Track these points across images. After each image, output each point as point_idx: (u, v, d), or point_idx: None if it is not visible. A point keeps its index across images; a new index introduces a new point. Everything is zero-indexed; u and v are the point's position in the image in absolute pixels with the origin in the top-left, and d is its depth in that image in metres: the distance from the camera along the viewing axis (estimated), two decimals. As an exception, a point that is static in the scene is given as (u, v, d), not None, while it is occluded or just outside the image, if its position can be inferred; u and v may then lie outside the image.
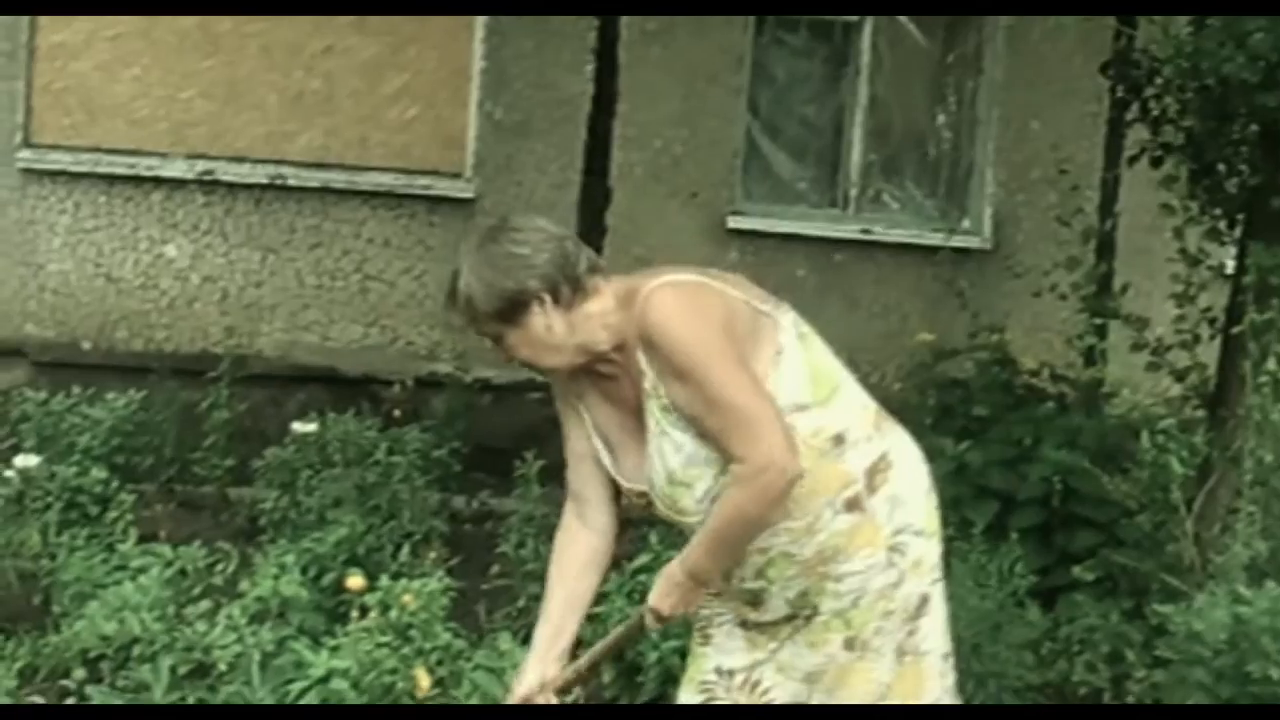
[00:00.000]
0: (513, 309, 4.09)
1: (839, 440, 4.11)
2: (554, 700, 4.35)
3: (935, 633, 4.31)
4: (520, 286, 4.08)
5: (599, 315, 4.14)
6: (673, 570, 4.14)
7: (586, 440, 4.33)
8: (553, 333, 4.11)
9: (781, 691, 4.29)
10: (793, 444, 3.96)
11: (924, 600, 4.26)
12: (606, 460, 4.32)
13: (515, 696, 4.38)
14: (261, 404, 9.75)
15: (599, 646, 4.44)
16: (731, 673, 4.34)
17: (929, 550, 4.27)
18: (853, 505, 4.14)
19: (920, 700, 4.30)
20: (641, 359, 4.10)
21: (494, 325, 4.13)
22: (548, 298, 4.09)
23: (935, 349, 8.84)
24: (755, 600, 4.26)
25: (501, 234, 4.17)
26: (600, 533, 4.37)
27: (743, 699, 4.33)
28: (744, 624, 4.34)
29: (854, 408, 4.19)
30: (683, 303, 4.05)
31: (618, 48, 10.27)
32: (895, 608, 4.21)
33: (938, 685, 4.34)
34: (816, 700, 4.25)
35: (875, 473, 4.17)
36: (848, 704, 4.22)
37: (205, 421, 8.98)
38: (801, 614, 4.23)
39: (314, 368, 10.14)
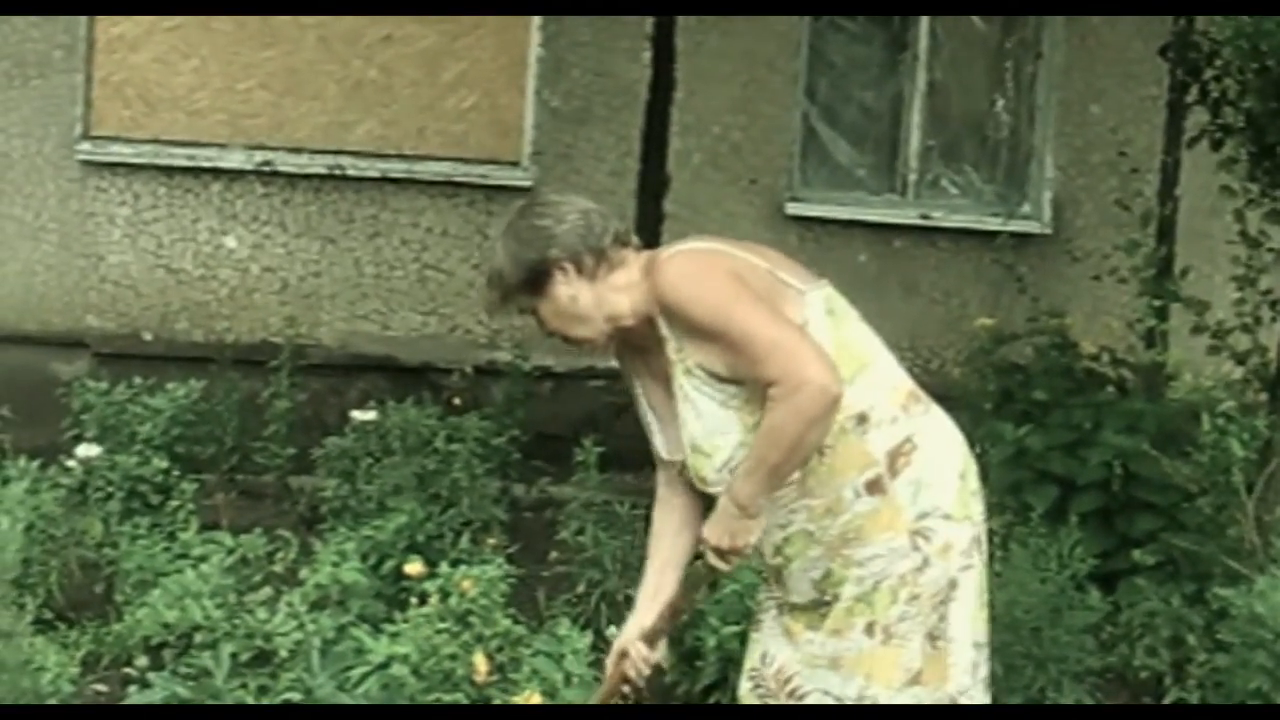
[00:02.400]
0: (537, 280, 4.21)
1: (862, 419, 4.11)
2: (645, 650, 4.42)
3: (963, 619, 4.26)
4: (542, 256, 4.19)
5: (625, 287, 4.22)
6: (721, 502, 4.15)
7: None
8: (578, 303, 4.22)
9: (808, 683, 4.30)
10: (831, 365, 3.94)
11: (952, 585, 4.22)
12: (656, 436, 4.38)
13: (613, 652, 4.49)
14: (322, 393, 9.79)
15: (676, 593, 4.44)
16: (773, 659, 4.38)
17: (959, 535, 4.22)
18: (874, 488, 4.14)
19: (945, 688, 4.25)
20: (662, 325, 4.14)
21: (523, 297, 4.26)
22: (570, 268, 4.20)
23: (995, 334, 8.81)
24: (779, 579, 4.31)
25: (529, 209, 4.31)
26: (691, 493, 4.39)
27: (775, 688, 4.36)
28: (781, 608, 4.37)
29: (881, 388, 4.18)
30: (693, 263, 4.13)
31: (675, 35, 10.25)
32: (921, 593, 4.18)
33: (966, 676, 4.29)
34: (836, 684, 4.23)
35: (898, 455, 4.15)
36: (857, 704, 4.21)
37: (266, 411, 9.04)
38: (826, 598, 4.23)
39: (373, 357, 10.17)
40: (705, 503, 4.35)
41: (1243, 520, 6.87)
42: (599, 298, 4.22)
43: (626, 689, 4.59)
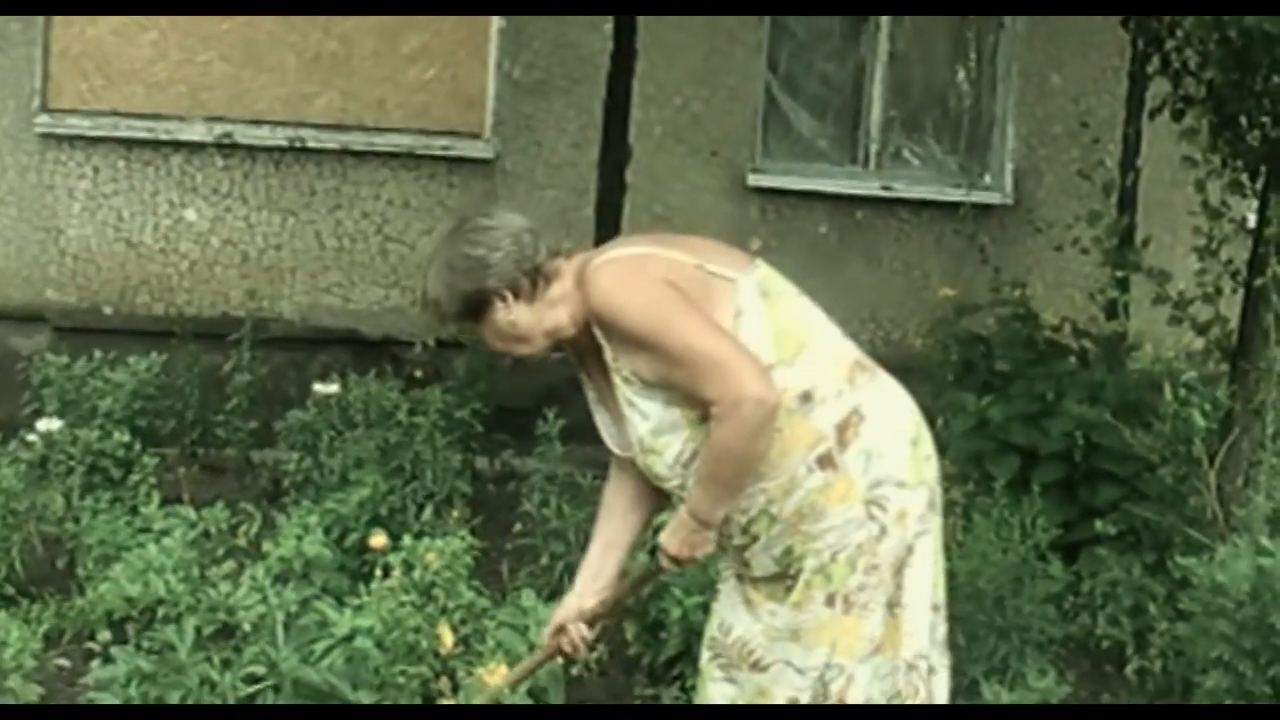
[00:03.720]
0: (475, 308, 4.30)
1: (806, 398, 4.18)
2: (585, 630, 4.57)
3: (919, 584, 4.34)
4: (478, 287, 4.27)
5: (561, 299, 4.29)
6: (680, 512, 4.26)
7: None
8: (516, 326, 4.29)
9: (769, 654, 4.35)
10: (765, 374, 4.05)
11: (909, 551, 4.29)
12: (607, 430, 4.46)
13: (551, 624, 4.65)
14: (283, 366, 9.76)
15: (623, 585, 4.59)
16: (730, 629, 4.45)
17: (914, 501, 4.29)
18: (825, 462, 4.20)
19: (900, 653, 4.33)
20: (598, 334, 4.21)
21: (462, 323, 4.39)
22: (508, 294, 4.26)
23: (957, 304, 8.83)
24: (745, 557, 4.36)
25: (459, 236, 4.35)
26: (643, 479, 4.45)
27: (735, 658, 4.42)
28: (741, 578, 4.43)
29: (824, 364, 4.24)
30: (622, 274, 4.19)
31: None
32: (880, 562, 4.25)
33: (922, 639, 4.37)
34: (798, 655, 4.29)
35: (846, 428, 4.22)
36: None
37: (227, 385, 9.01)
38: (790, 572, 4.28)
39: (335, 330, 10.15)
40: (654, 488, 4.44)
41: (1204, 490, 6.90)
42: (538, 316, 4.28)
43: (561, 660, 4.79)
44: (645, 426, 4.22)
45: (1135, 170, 10.07)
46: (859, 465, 4.21)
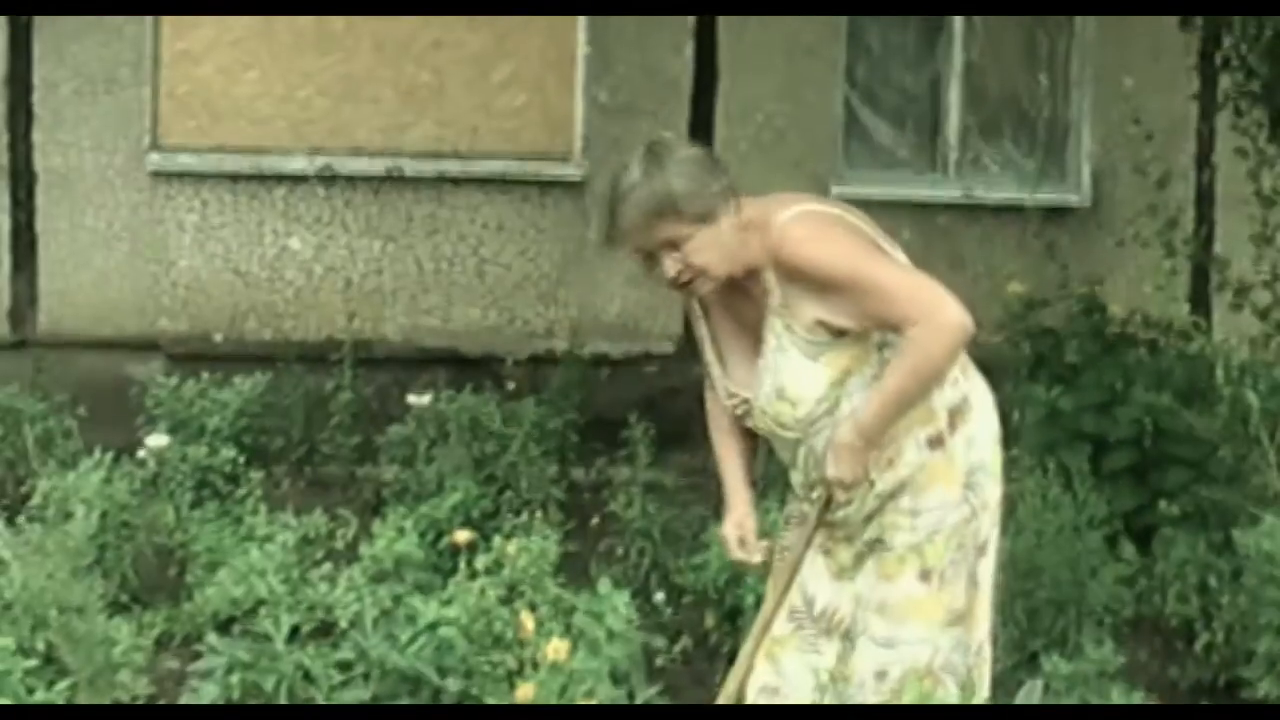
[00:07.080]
0: (712, 209, 4.25)
1: None
2: (757, 558, 4.57)
3: (988, 572, 4.52)
4: (725, 185, 4.31)
5: (743, 241, 4.30)
6: (843, 437, 4.29)
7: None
8: (732, 240, 4.27)
9: (858, 623, 4.49)
10: (958, 301, 4.15)
11: (987, 541, 4.49)
12: (716, 369, 4.55)
13: (728, 524, 4.62)
14: (387, 386, 9.96)
15: (799, 537, 4.52)
16: (813, 600, 4.56)
17: (995, 492, 4.49)
18: (935, 442, 4.38)
19: (974, 634, 4.50)
20: (771, 280, 4.30)
21: (683, 226, 4.25)
22: (734, 204, 4.30)
23: (1027, 300, 8.94)
24: (840, 530, 4.50)
25: (684, 145, 4.44)
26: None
27: (823, 627, 4.55)
28: (826, 552, 4.55)
29: None
30: (817, 229, 4.30)
31: (717, 26, 10.46)
32: (967, 542, 4.42)
33: (986, 625, 4.55)
34: (881, 628, 4.43)
35: (956, 413, 4.40)
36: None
37: (331, 403, 9.21)
38: (883, 538, 4.43)
39: (436, 350, 10.38)
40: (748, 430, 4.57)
41: (1265, 468, 7.03)
42: (723, 253, 4.27)
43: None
44: (788, 376, 4.30)
45: (1210, 167, 10.15)
46: (962, 449, 4.40)
